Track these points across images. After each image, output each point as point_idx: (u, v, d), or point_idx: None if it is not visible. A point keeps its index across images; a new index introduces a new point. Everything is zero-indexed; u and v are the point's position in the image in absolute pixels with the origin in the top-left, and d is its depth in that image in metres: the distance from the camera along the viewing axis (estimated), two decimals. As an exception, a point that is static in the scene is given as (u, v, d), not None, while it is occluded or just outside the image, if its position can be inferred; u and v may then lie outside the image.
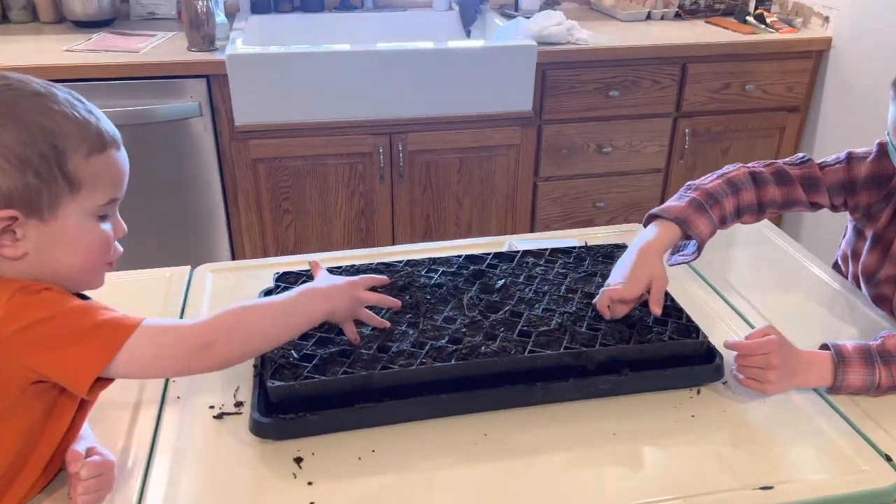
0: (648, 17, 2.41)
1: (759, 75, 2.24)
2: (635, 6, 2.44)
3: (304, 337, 0.87)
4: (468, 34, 2.42)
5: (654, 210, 1.01)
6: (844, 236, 1.14)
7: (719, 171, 1.06)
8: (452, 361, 0.83)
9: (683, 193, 1.03)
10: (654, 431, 0.84)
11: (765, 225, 1.32)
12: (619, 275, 0.94)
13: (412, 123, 2.06)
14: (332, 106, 2.00)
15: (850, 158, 1.06)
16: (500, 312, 0.93)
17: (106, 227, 0.73)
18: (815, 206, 1.08)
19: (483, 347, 0.85)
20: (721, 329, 1.01)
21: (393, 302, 0.89)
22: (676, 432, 0.84)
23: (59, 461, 0.75)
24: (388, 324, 0.89)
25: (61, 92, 0.70)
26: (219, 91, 1.93)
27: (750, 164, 1.07)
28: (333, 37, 2.35)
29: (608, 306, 0.92)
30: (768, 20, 2.30)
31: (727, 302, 1.09)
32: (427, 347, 0.85)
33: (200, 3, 1.90)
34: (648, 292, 0.93)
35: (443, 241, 1.23)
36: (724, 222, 1.03)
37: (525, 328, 0.90)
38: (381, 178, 2.12)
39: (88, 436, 0.78)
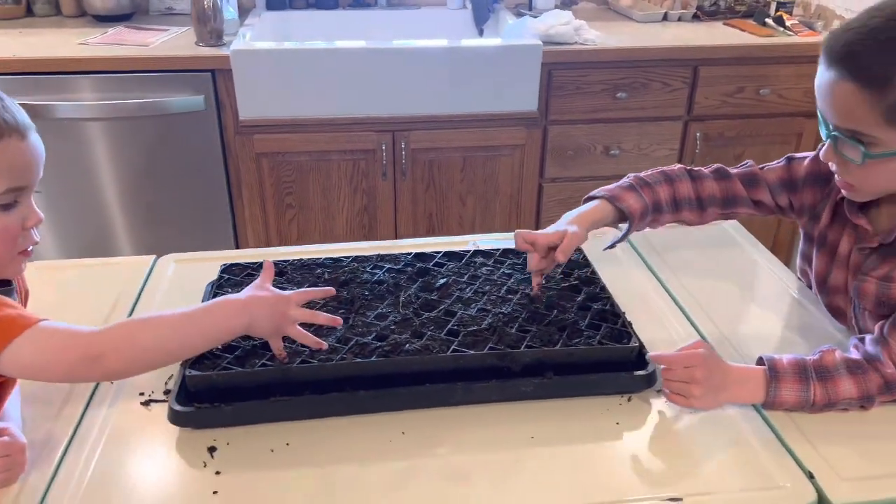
0: (665, 18, 2.36)
1: (775, 79, 2.17)
2: (652, 7, 2.39)
3: (233, 327, 0.88)
4: (481, 33, 2.41)
5: (590, 193, 1.03)
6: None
7: (656, 168, 1.06)
8: (373, 358, 0.83)
9: (619, 182, 1.04)
10: (573, 437, 0.83)
11: (733, 227, 1.28)
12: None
13: (415, 121, 2.07)
14: (335, 102, 2.01)
15: (791, 159, 1.04)
16: (435, 311, 0.92)
17: (10, 216, 0.73)
18: (759, 206, 1.05)
19: (407, 345, 0.85)
20: (666, 336, 0.98)
21: (327, 319, 0.82)
22: (596, 438, 0.82)
23: None
24: (324, 344, 0.82)
25: None
26: (224, 85, 1.97)
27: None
28: (346, 34, 2.37)
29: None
30: (788, 23, 2.22)
31: (680, 307, 1.06)
32: (351, 343, 0.85)
33: (207, -2, 1.94)
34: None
35: (414, 239, 1.23)
36: (659, 210, 1.02)
37: (455, 327, 0.89)
38: (383, 175, 2.12)
39: (12, 417, 0.80)
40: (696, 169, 1.06)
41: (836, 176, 0.89)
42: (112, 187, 2.05)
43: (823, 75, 0.82)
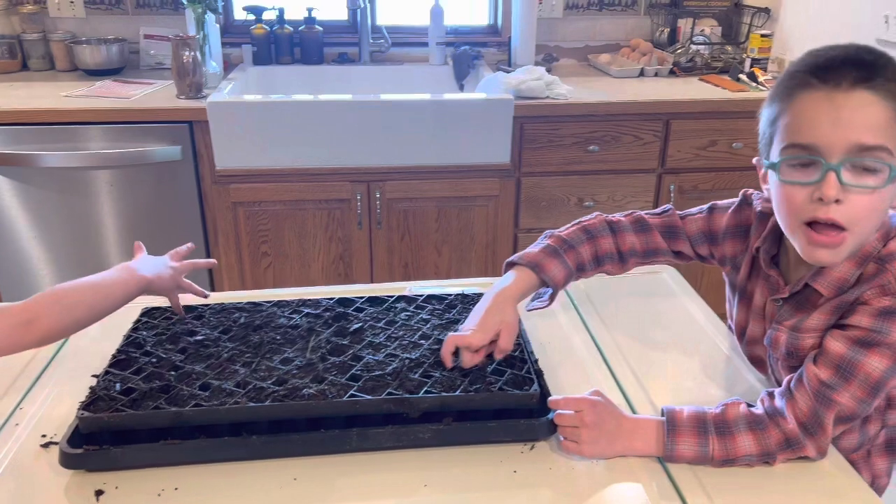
0: (642, 74, 2.40)
1: (748, 133, 2.17)
2: (629, 63, 2.43)
3: (137, 371, 0.89)
4: (461, 88, 2.47)
5: (511, 258, 1.00)
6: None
7: (577, 220, 1.04)
8: (267, 402, 0.83)
9: (540, 241, 1.01)
10: (467, 485, 0.81)
11: (670, 275, 1.27)
12: (470, 321, 0.93)
13: (390, 171, 2.10)
14: (310, 153, 2.05)
15: (713, 208, 1.02)
16: (342, 356, 0.92)
17: None
18: (679, 256, 1.04)
19: (305, 390, 0.85)
20: (584, 386, 0.97)
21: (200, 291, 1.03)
22: (490, 487, 0.81)
23: None
24: (207, 293, 1.02)
25: None
26: (201, 136, 2.02)
27: (609, 215, 1.05)
28: (330, 88, 2.43)
29: (452, 353, 0.90)
30: (761, 78, 2.25)
31: (604, 357, 1.05)
32: (249, 387, 0.85)
33: (187, 53, 2.01)
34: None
35: (359, 285, 1.23)
36: (582, 270, 1.00)
37: (358, 372, 0.89)
38: (359, 224, 2.15)
39: None
40: (615, 220, 1.04)
41: (809, 235, 0.80)
42: (98, 233, 2.10)
43: (832, 100, 0.76)
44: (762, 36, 2.33)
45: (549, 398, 0.85)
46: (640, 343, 1.09)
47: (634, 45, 2.49)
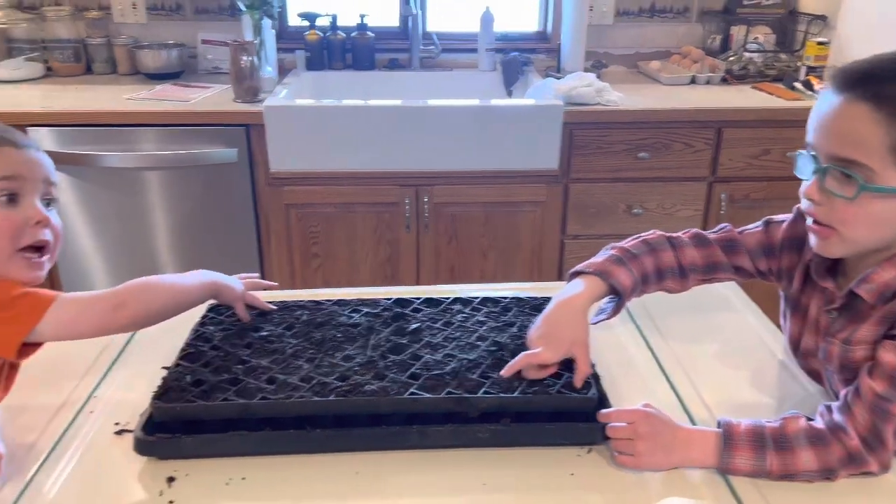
0: (693, 81, 2.38)
1: (803, 142, 2.14)
2: (680, 70, 2.42)
3: (205, 364, 0.92)
4: (510, 94, 2.48)
5: (576, 267, 1.00)
6: None
7: (636, 235, 1.05)
8: (331, 397, 0.85)
9: (602, 252, 1.02)
10: (524, 486, 0.82)
11: (731, 290, 1.26)
12: (539, 332, 0.93)
13: (438, 176, 2.12)
14: (361, 157, 2.09)
15: (769, 223, 1.02)
16: (402, 355, 0.94)
17: (11, 211, 0.82)
18: (739, 272, 1.03)
19: (366, 386, 0.87)
20: (642, 398, 0.97)
21: (265, 305, 1.07)
22: (548, 488, 0.82)
23: None
24: (273, 307, 1.06)
25: None
26: (257, 139, 2.08)
27: (667, 233, 1.05)
28: (381, 94, 2.47)
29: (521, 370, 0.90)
30: (817, 87, 2.21)
31: (663, 370, 1.05)
32: (313, 382, 0.88)
33: (245, 58, 2.07)
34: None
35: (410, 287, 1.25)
36: (645, 281, 1.00)
37: (417, 371, 0.90)
38: (406, 227, 2.18)
39: None
40: (675, 236, 1.04)
41: (808, 222, 0.85)
42: (153, 232, 2.16)
43: (829, 101, 0.80)
44: (818, 44, 2.29)
45: (600, 411, 0.85)
46: (699, 354, 1.09)
47: (685, 53, 2.48)
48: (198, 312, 1.07)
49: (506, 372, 0.90)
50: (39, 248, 0.85)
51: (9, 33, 2.34)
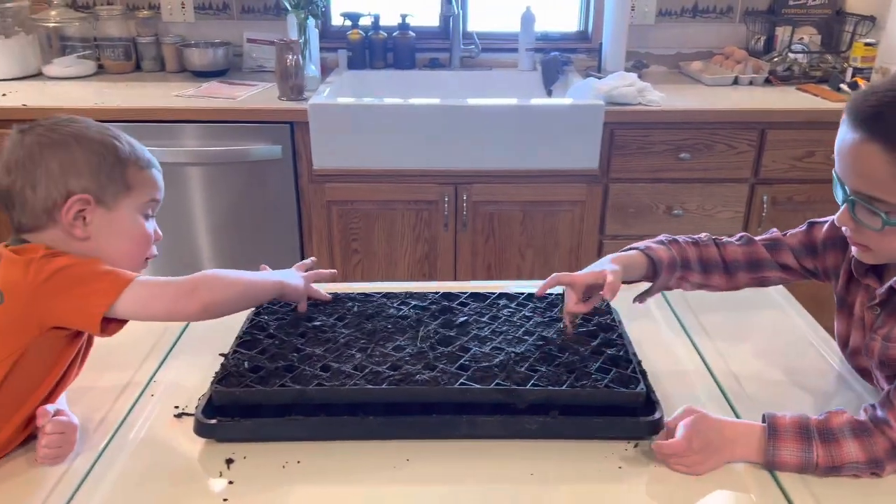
0: (736, 82, 2.36)
1: (848, 144, 2.11)
2: (723, 71, 2.40)
3: (262, 351, 0.95)
4: (549, 94, 2.49)
5: (620, 250, 1.04)
6: None
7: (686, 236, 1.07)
8: (383, 385, 0.88)
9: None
10: (572, 476, 0.84)
11: (777, 290, 1.26)
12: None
13: (477, 175, 2.14)
14: (402, 155, 2.12)
15: (812, 224, 1.03)
16: (450, 346, 0.96)
17: (148, 226, 0.94)
18: (787, 270, 1.04)
19: (417, 376, 0.89)
20: (688, 394, 0.98)
21: (326, 297, 1.11)
22: (596, 480, 0.83)
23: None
24: (329, 297, 1.10)
25: (119, 135, 0.92)
26: (301, 137, 2.12)
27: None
28: (421, 93, 2.49)
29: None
30: (863, 87, 2.18)
31: (704, 361, 1.06)
32: (366, 371, 0.90)
33: (290, 57, 2.11)
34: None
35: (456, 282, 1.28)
36: (687, 266, 1.02)
37: (466, 362, 0.92)
38: (445, 226, 2.20)
39: (61, 404, 0.90)
40: (721, 237, 1.08)
41: (849, 237, 0.88)
42: (198, 226, 2.22)
43: (846, 136, 0.82)
44: (866, 45, 2.26)
45: (657, 443, 0.85)
46: (743, 350, 1.09)
47: (728, 53, 2.46)
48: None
49: (539, 291, 1.00)
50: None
51: (63, 31, 2.41)
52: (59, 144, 0.86)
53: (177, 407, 0.96)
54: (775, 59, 2.39)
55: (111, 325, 0.85)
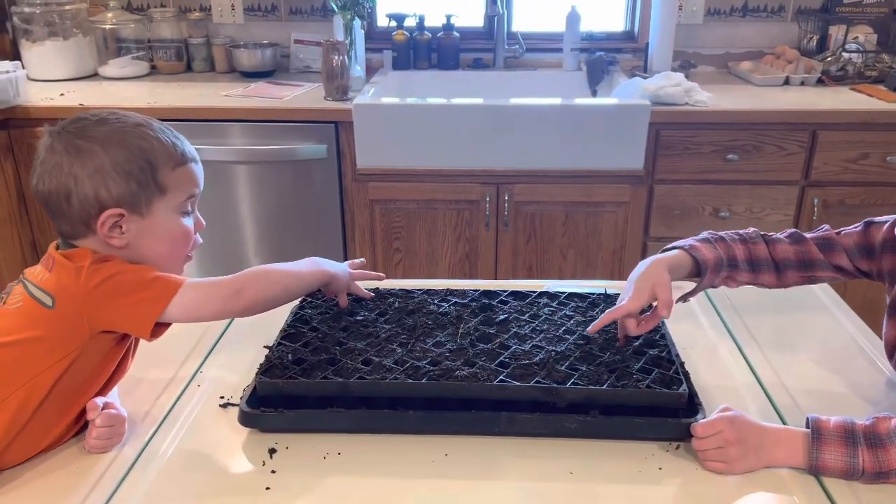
0: (787, 82, 2.31)
1: (905, 145, 2.05)
2: (773, 71, 2.35)
3: (305, 344, 0.97)
4: (594, 93, 2.47)
5: (664, 248, 1.03)
6: None
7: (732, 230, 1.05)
8: (423, 380, 0.88)
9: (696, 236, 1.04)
10: (612, 476, 0.83)
11: (822, 291, 1.23)
12: (626, 290, 0.97)
13: (519, 175, 2.14)
14: (444, 154, 2.13)
15: (869, 224, 1.00)
16: (490, 343, 0.96)
17: (187, 222, 0.92)
18: (840, 271, 1.01)
19: (457, 371, 0.90)
20: (731, 397, 0.96)
21: (367, 294, 1.11)
22: (636, 481, 0.82)
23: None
24: (371, 295, 1.10)
25: (156, 122, 0.91)
26: (345, 136, 2.14)
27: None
28: (465, 93, 2.50)
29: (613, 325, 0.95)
30: (922, 88, 2.11)
31: (751, 368, 1.04)
32: (407, 365, 0.91)
33: (336, 57, 2.14)
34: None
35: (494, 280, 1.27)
36: (734, 266, 1.00)
37: (506, 360, 0.92)
38: (486, 225, 2.20)
39: (112, 397, 0.93)
40: (770, 234, 1.05)
41: None
42: (244, 223, 2.26)
43: None
44: (924, 43, 2.19)
45: (692, 425, 0.84)
46: (787, 353, 1.07)
47: (779, 53, 2.41)
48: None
49: (592, 329, 0.95)
50: None
51: (118, 33, 2.49)
52: (87, 154, 0.84)
53: (222, 397, 0.98)
54: (828, 59, 2.33)
55: (159, 328, 0.87)
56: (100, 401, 0.88)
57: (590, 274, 2.24)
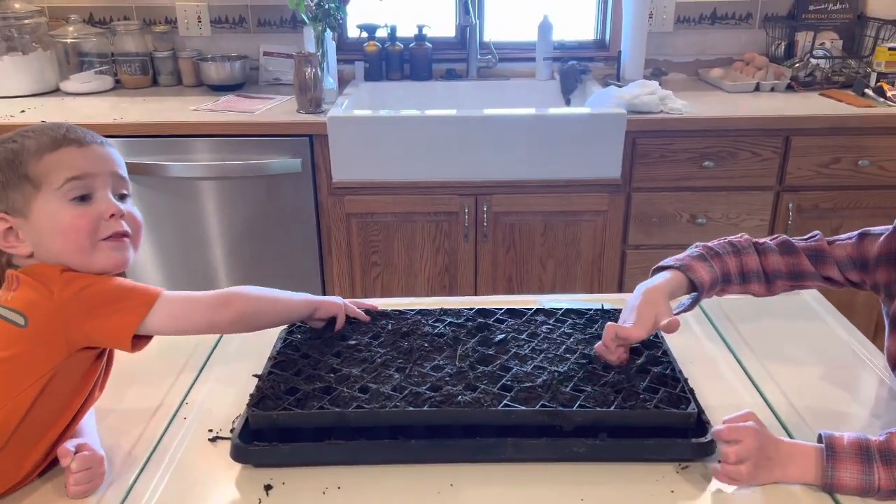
0: (757, 88, 2.34)
1: (875, 150, 2.08)
2: (744, 77, 2.37)
3: (297, 372, 0.93)
4: (568, 102, 2.46)
5: (659, 263, 1.02)
6: None
7: (722, 238, 1.04)
8: (425, 407, 0.85)
9: (689, 249, 1.04)
10: (625, 501, 0.81)
11: (813, 298, 1.23)
12: (626, 315, 0.95)
13: (497, 185, 2.12)
14: (422, 166, 2.10)
15: (863, 235, 0.99)
16: (490, 366, 0.93)
17: (82, 209, 0.83)
18: (830, 281, 1.01)
19: (459, 397, 0.86)
20: (732, 406, 0.94)
21: (364, 317, 1.06)
22: (648, 505, 0.80)
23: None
24: (367, 317, 1.05)
25: (53, 123, 0.86)
26: (320, 149, 2.10)
27: (755, 238, 1.04)
28: (438, 104, 2.48)
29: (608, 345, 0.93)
30: (889, 94, 2.15)
31: (750, 378, 1.03)
32: (406, 392, 0.88)
33: (308, 69, 2.09)
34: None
35: (486, 297, 1.25)
36: (727, 281, 1.00)
37: (509, 383, 0.90)
38: (465, 237, 2.17)
39: (89, 432, 0.88)
40: (761, 241, 1.04)
41: None
42: (215, 241, 2.20)
43: None
44: (889, 49, 2.23)
45: (713, 429, 0.83)
46: (787, 364, 1.06)
47: (749, 59, 2.43)
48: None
49: (599, 350, 0.94)
50: (120, 237, 0.87)
51: (80, 47, 2.41)
52: None
53: (210, 430, 0.93)
54: (797, 65, 2.36)
55: (140, 340, 0.84)
56: (70, 444, 0.83)
57: (570, 284, 2.23)
